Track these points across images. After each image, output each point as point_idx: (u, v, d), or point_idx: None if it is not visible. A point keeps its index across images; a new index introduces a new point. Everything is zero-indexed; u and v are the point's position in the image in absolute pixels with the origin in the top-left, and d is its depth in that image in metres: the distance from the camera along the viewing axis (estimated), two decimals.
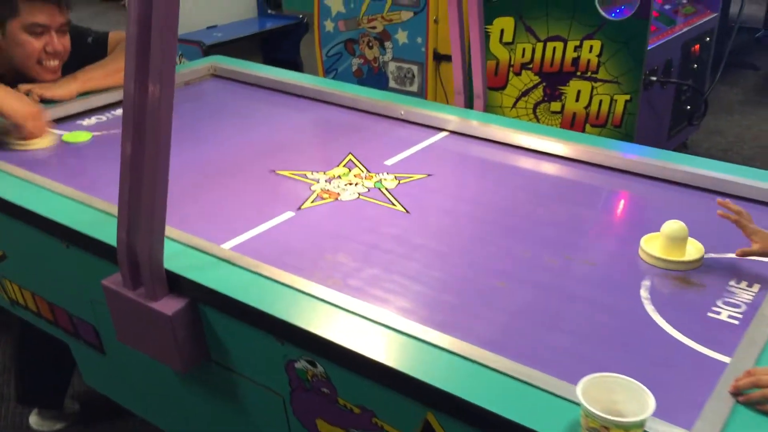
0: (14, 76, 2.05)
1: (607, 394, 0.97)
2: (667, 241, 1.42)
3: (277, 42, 4.82)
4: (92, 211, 1.56)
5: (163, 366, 1.50)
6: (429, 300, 1.34)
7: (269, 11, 4.97)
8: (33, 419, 2.29)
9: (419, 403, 1.11)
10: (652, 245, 1.45)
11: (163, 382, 1.57)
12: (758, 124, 4.30)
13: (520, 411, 1.01)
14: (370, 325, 1.20)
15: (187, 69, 2.51)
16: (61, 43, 2.07)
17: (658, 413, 0.95)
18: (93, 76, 2.18)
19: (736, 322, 1.25)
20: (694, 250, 1.43)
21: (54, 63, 2.08)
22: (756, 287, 1.34)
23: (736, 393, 1.02)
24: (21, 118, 1.91)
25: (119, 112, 2.23)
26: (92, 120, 2.16)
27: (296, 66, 4.70)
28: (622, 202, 1.78)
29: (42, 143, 1.96)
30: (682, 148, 3.68)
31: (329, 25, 3.88)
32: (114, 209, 1.51)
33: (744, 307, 1.28)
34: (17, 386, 2.27)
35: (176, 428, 1.67)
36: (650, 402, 0.93)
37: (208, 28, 4.46)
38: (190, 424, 1.61)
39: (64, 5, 2.05)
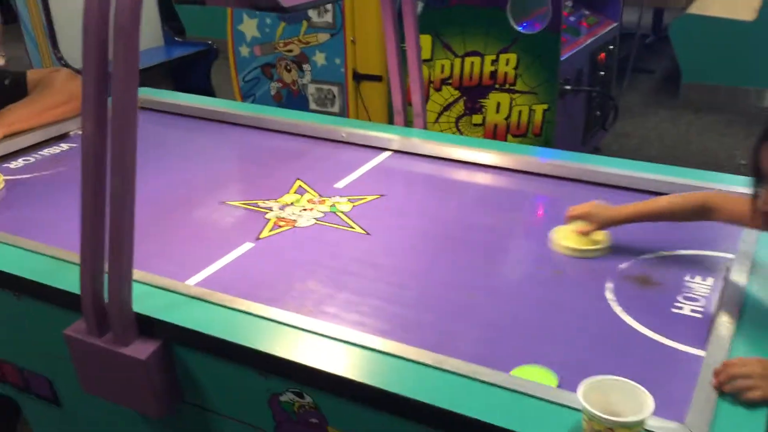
0: None
1: (603, 396, 1.01)
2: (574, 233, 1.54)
3: (187, 70, 4.73)
4: (43, 258, 1.48)
5: (130, 414, 1.45)
6: (406, 320, 1.35)
7: (176, 38, 4.87)
8: None
9: (414, 425, 1.12)
10: (561, 235, 1.56)
11: (130, 430, 1.50)
12: (660, 124, 4.57)
13: (521, 421, 1.03)
14: (353, 349, 1.20)
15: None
16: None
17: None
18: (18, 118, 2.08)
19: (699, 315, 1.32)
20: (602, 236, 1.54)
21: None
22: (710, 280, 1.42)
23: (719, 387, 1.07)
24: None
25: (46, 152, 2.14)
26: (19, 162, 2.05)
27: (209, 93, 4.62)
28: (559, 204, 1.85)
29: None
30: (596, 152, 3.85)
31: (244, 51, 3.84)
32: (66, 255, 1.46)
33: (703, 301, 1.36)
34: None
35: None
36: (649, 401, 0.98)
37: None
38: None
39: None
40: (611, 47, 3.87)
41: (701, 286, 1.41)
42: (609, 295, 1.39)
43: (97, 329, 1.31)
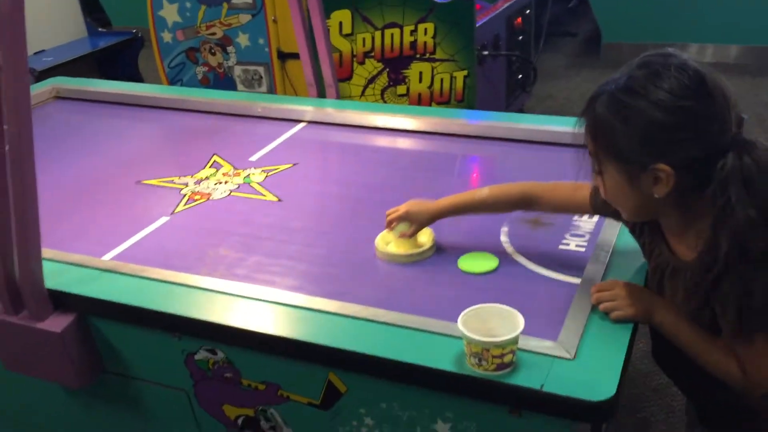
0: None
1: (483, 324, 1.09)
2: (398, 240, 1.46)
3: (113, 60, 4.68)
4: None
5: (55, 389, 1.49)
6: (314, 275, 1.43)
7: (100, 29, 4.81)
8: None
9: (320, 367, 1.20)
10: (384, 242, 1.48)
11: (57, 405, 1.55)
12: (582, 84, 4.71)
13: (411, 353, 1.12)
14: (263, 305, 1.28)
15: None
16: None
17: (529, 332, 1.09)
18: None
19: (583, 249, 1.43)
20: (425, 238, 1.48)
21: None
22: (595, 218, 1.53)
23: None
24: None
25: None
26: None
27: (137, 81, 4.59)
28: (476, 163, 1.95)
29: None
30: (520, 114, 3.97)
31: (167, 36, 3.82)
32: None
33: (588, 236, 1.47)
34: None
35: None
36: (519, 321, 1.07)
37: (36, 53, 4.25)
38: None
39: None
40: (527, 11, 3.98)
41: (587, 223, 1.52)
42: (503, 238, 1.49)
43: (12, 307, 1.35)
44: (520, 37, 3.86)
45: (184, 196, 1.76)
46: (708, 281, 1.05)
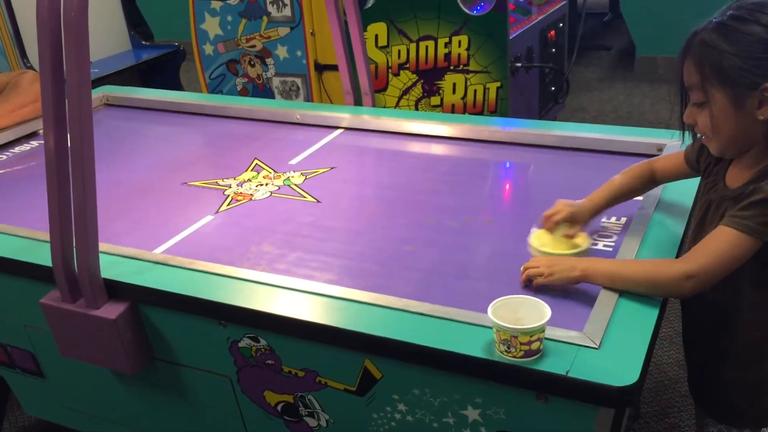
0: None
1: (512, 314, 1.15)
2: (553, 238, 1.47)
3: (155, 72, 4.84)
4: (16, 238, 1.61)
5: (108, 375, 1.59)
6: (351, 270, 1.50)
7: (143, 42, 4.98)
8: None
9: (357, 353, 1.27)
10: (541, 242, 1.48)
11: (109, 391, 1.64)
12: (616, 97, 4.74)
13: (442, 341, 1.18)
14: (303, 295, 1.35)
15: None
16: None
17: (556, 323, 1.15)
18: None
19: (610, 249, 1.48)
20: (581, 239, 1.48)
21: None
22: (623, 220, 1.58)
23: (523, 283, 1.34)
24: None
25: (17, 149, 2.27)
26: None
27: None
28: (508, 168, 2.01)
29: None
30: None
31: (208, 49, 3.96)
32: (36, 234, 1.60)
33: (615, 237, 1.52)
34: None
35: None
36: (546, 310, 1.13)
37: None
38: (140, 427, 1.69)
39: None
40: (561, 24, 4.03)
41: (615, 225, 1.57)
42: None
43: (70, 296, 1.44)
44: (554, 50, 3.91)
45: (228, 196, 1.85)
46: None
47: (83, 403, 1.76)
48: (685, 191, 1.56)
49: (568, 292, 1.35)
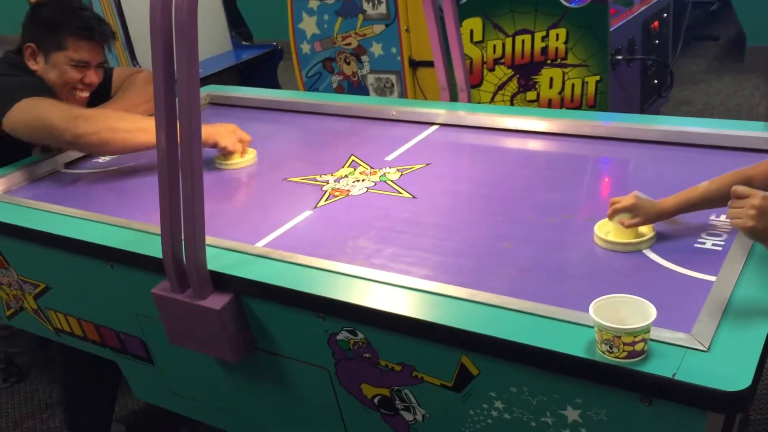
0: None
1: (614, 313, 1.12)
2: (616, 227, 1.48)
3: (254, 71, 4.98)
4: (130, 231, 1.70)
5: (213, 363, 1.65)
6: (447, 266, 1.50)
7: (243, 42, 5.14)
8: None
9: (453, 349, 1.27)
10: (605, 231, 1.50)
11: (213, 378, 1.71)
12: (724, 90, 4.52)
13: (542, 339, 1.17)
14: (400, 290, 1.36)
15: None
16: (97, 77, 2.24)
17: (662, 324, 1.11)
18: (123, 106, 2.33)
19: (720, 248, 1.41)
20: (647, 229, 1.48)
21: (84, 94, 2.24)
22: None
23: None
24: (212, 136, 2.06)
25: None
26: (107, 156, 2.31)
27: None
28: (608, 163, 1.96)
29: (244, 162, 2.12)
30: None
31: (305, 48, 4.05)
32: (147, 227, 1.68)
33: (725, 236, 1.45)
34: (66, 417, 2.39)
35: (228, 422, 1.81)
36: (652, 311, 1.09)
37: None
38: (242, 414, 1.75)
39: (106, 46, 2.24)
40: (665, 15, 3.87)
41: (725, 223, 1.50)
42: None
43: (178, 286, 1.51)
44: (657, 41, 3.77)
45: (326, 192, 1.89)
46: None
47: (189, 390, 1.84)
48: None
49: (674, 292, 1.30)
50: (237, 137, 2.12)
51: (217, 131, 2.10)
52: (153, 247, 1.56)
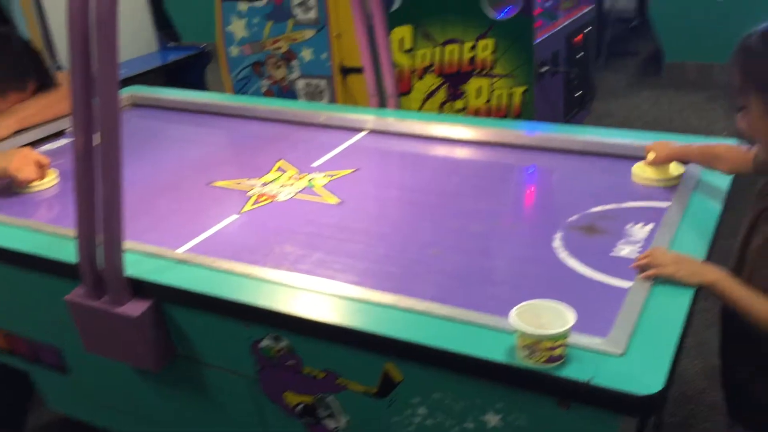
0: None
1: (536, 318, 1.14)
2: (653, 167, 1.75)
3: (181, 73, 4.87)
4: (41, 235, 1.63)
5: (131, 371, 1.60)
6: (374, 272, 1.50)
7: (170, 44, 5.03)
8: None
9: (378, 356, 1.26)
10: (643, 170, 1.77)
11: (132, 387, 1.65)
12: (643, 103, 4.70)
13: (464, 344, 1.18)
14: (325, 296, 1.35)
15: None
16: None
17: (580, 330, 1.14)
18: (29, 113, 2.24)
19: (636, 255, 1.46)
20: (675, 170, 1.75)
21: None
22: (651, 225, 1.56)
23: (640, 270, 1.32)
24: (6, 171, 1.92)
25: (46, 147, 2.29)
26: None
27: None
28: (533, 172, 2.00)
29: (44, 184, 1.99)
30: None
31: (235, 51, 3.99)
32: (64, 231, 1.62)
33: (642, 243, 1.50)
34: None
35: (148, 430, 1.75)
36: (571, 316, 1.12)
37: None
38: (162, 424, 1.70)
39: None
40: (588, 29, 4.00)
41: (641, 231, 1.55)
42: (556, 244, 1.53)
43: (94, 292, 1.46)
44: (580, 54, 3.89)
45: (251, 197, 1.86)
46: None
47: (106, 399, 1.78)
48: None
49: (591, 298, 1.34)
50: (33, 161, 1.96)
51: (11, 165, 1.92)
52: (67, 252, 1.50)
